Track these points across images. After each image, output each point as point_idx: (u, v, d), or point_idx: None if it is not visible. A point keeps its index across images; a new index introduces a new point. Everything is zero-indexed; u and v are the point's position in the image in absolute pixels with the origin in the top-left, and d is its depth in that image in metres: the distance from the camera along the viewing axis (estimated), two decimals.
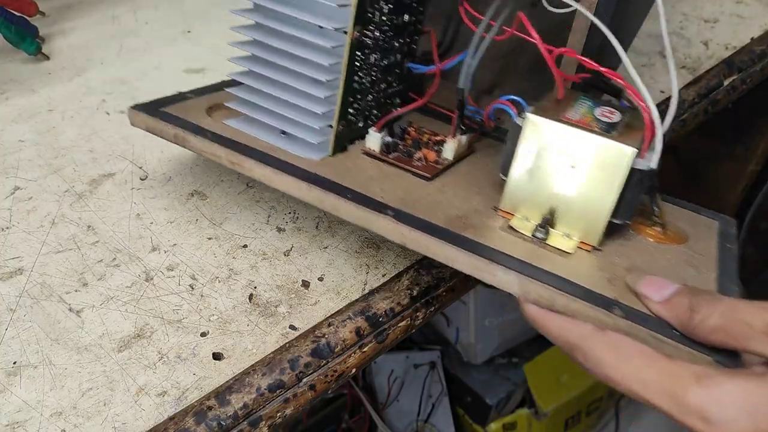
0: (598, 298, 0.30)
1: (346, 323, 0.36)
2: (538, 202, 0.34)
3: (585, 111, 0.34)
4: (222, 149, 0.37)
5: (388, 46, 0.39)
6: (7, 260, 0.38)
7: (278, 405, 0.33)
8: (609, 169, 0.32)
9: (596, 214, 0.33)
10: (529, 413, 0.89)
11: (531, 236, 0.34)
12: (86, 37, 0.56)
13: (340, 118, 0.38)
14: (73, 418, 0.32)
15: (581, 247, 0.34)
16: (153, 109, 0.40)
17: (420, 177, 0.38)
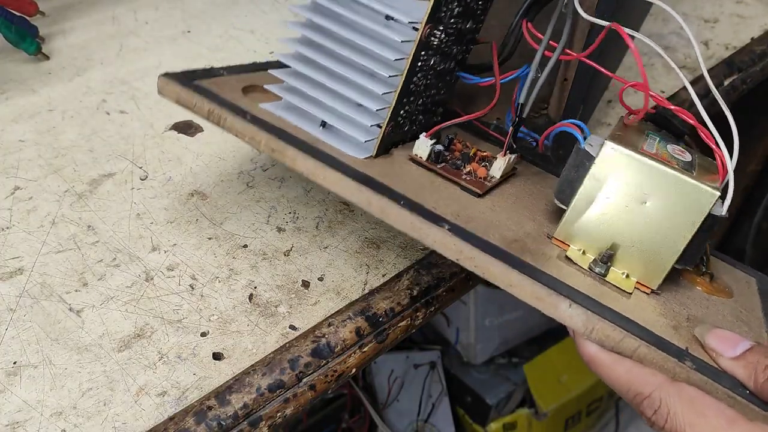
0: (668, 345, 0.28)
1: (346, 323, 0.36)
2: (599, 236, 0.32)
3: (659, 146, 0.32)
4: (263, 133, 0.33)
5: (448, 50, 0.37)
6: (7, 260, 0.38)
7: (278, 405, 0.33)
8: (688, 211, 0.30)
9: (663, 256, 0.31)
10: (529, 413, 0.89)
11: (588, 270, 0.32)
12: (86, 37, 0.56)
13: (391, 118, 0.35)
14: (73, 418, 0.32)
15: (639, 288, 0.32)
16: (186, 80, 0.35)
17: (470, 192, 0.36)
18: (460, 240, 0.29)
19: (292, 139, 0.33)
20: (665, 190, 0.30)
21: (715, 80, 0.55)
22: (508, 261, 0.29)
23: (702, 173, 0.31)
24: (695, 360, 0.28)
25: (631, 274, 0.32)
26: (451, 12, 0.35)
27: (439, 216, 0.31)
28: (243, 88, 0.37)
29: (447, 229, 0.30)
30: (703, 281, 0.36)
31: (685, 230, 0.30)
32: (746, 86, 0.57)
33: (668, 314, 0.31)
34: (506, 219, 0.34)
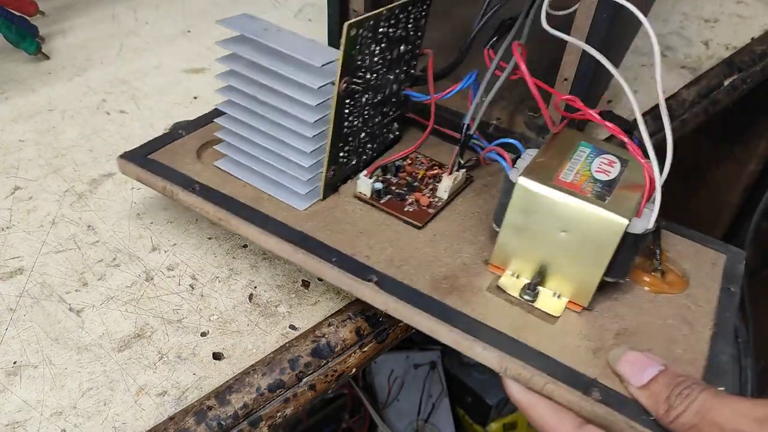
0: (577, 378, 0.30)
1: (346, 323, 0.36)
2: (529, 261, 0.33)
3: (582, 165, 0.33)
4: (209, 205, 0.36)
5: (381, 82, 0.37)
6: (7, 260, 0.38)
7: (278, 405, 0.33)
8: (600, 238, 0.31)
9: (587, 278, 0.32)
10: None
11: (519, 297, 0.33)
12: (86, 37, 0.56)
13: (329, 165, 0.37)
14: (73, 418, 0.32)
15: (570, 307, 0.33)
16: (142, 158, 0.39)
17: (411, 225, 0.37)
18: (385, 294, 0.32)
19: (235, 206, 0.36)
20: (576, 221, 0.31)
21: (716, 80, 0.55)
22: (430, 309, 0.32)
23: (623, 191, 0.31)
24: (603, 390, 0.29)
25: (562, 294, 0.33)
26: (371, 54, 0.35)
27: (370, 268, 0.33)
28: (199, 147, 0.41)
29: (374, 283, 0.33)
30: (653, 279, 0.36)
31: (603, 254, 0.31)
32: (746, 86, 0.57)
33: (593, 335, 0.32)
34: (444, 249, 0.36)
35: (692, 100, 0.53)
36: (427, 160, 0.42)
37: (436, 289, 0.33)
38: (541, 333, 0.32)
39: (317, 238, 0.35)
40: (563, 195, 0.31)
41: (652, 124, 0.50)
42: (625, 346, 0.31)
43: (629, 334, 0.32)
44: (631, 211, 0.30)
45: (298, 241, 0.35)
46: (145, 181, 0.39)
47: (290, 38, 0.35)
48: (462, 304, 0.32)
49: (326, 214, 0.37)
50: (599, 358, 0.31)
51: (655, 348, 0.32)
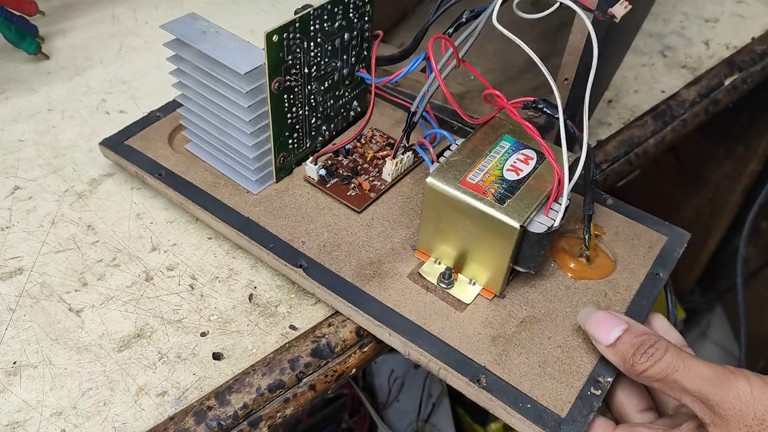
0: (468, 365, 0.32)
1: (347, 323, 0.36)
2: (448, 249, 0.35)
3: (495, 163, 0.34)
4: (171, 191, 0.40)
5: (326, 71, 0.39)
6: (7, 260, 0.38)
7: (278, 405, 0.33)
8: (499, 237, 0.33)
9: (495, 268, 0.34)
10: None
11: (436, 284, 0.36)
12: (86, 37, 0.56)
13: (277, 153, 0.39)
14: (73, 418, 0.32)
15: (484, 294, 0.35)
16: (119, 143, 0.42)
17: (351, 209, 0.39)
18: (311, 280, 0.35)
19: (194, 192, 0.40)
20: (477, 221, 0.33)
21: (716, 80, 0.55)
22: (348, 296, 0.35)
23: (527, 192, 0.33)
24: (490, 377, 0.32)
25: (477, 281, 0.36)
26: (306, 50, 0.37)
27: (302, 254, 0.36)
28: (171, 131, 0.43)
29: (303, 269, 0.36)
30: (577, 264, 0.37)
31: (503, 250, 0.33)
32: (747, 86, 0.56)
33: (497, 322, 0.34)
34: (378, 234, 0.38)
35: (692, 100, 0.53)
36: (383, 139, 0.44)
37: (359, 275, 0.36)
38: (447, 320, 0.34)
39: (260, 224, 0.38)
40: (465, 197, 0.33)
41: (652, 123, 0.50)
42: (592, 306, 0.33)
43: (534, 322, 0.34)
44: (526, 214, 0.32)
45: (243, 227, 0.38)
46: (122, 165, 0.42)
47: (226, 42, 0.37)
48: (379, 291, 0.35)
49: (275, 199, 0.40)
50: (496, 345, 0.33)
51: (556, 336, 0.34)
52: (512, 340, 0.33)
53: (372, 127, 0.45)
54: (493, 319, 0.34)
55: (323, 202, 0.40)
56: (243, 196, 0.40)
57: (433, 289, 0.36)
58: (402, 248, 0.37)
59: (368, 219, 0.39)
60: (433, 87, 0.37)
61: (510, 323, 0.34)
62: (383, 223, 0.39)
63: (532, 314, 0.35)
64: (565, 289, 0.36)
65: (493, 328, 0.34)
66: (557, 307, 0.35)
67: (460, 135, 0.44)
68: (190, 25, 0.38)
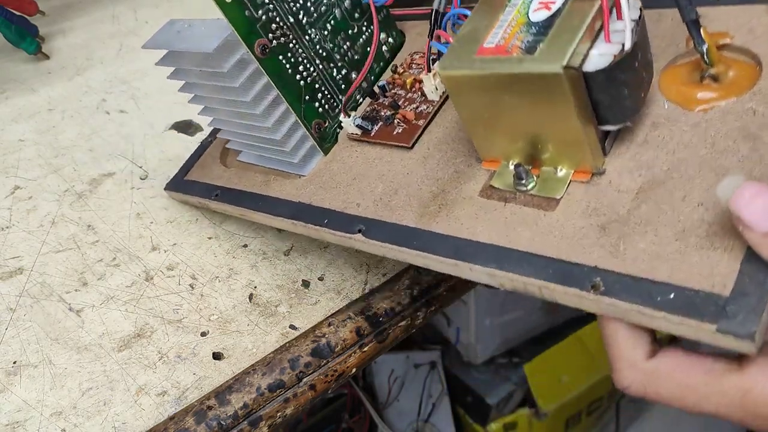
0: (575, 272, 0.25)
1: (347, 323, 0.36)
2: (510, 144, 0.28)
3: (519, 9, 0.26)
4: (228, 206, 0.38)
5: (319, 11, 0.34)
6: (7, 260, 0.38)
7: (278, 405, 0.33)
8: (550, 97, 0.25)
9: (573, 140, 0.26)
10: (529, 413, 0.89)
11: (514, 191, 0.29)
12: (86, 37, 0.56)
13: (308, 122, 0.35)
14: (73, 418, 0.32)
15: (578, 178, 0.27)
16: (180, 181, 0.42)
17: (401, 148, 0.34)
18: (372, 242, 0.31)
19: (247, 198, 0.38)
20: (514, 90, 0.25)
21: None
22: (416, 244, 0.30)
23: (567, 21, 0.25)
24: (607, 276, 0.24)
25: (564, 166, 0.28)
26: None
27: (358, 218, 0.32)
28: (221, 151, 0.42)
29: (361, 233, 0.32)
30: (704, 91, 0.27)
31: (567, 108, 0.25)
32: None
33: (603, 206, 0.26)
34: (437, 162, 0.32)
35: None
36: (423, 60, 0.37)
37: (423, 215, 0.30)
38: (537, 227, 0.27)
39: (312, 204, 0.34)
40: (486, 67, 0.25)
41: None
42: (740, 174, 0.23)
43: (656, 186, 0.25)
44: (568, 49, 0.24)
45: (296, 213, 0.35)
46: (187, 201, 0.42)
47: (197, 30, 0.33)
48: (449, 224, 0.29)
49: (324, 171, 0.36)
50: (609, 234, 0.25)
51: (692, 192, 0.24)
52: (629, 221, 0.25)
53: (411, 52, 0.38)
54: (597, 205, 0.26)
55: (373, 154, 0.35)
56: (293, 182, 0.36)
57: (512, 198, 0.29)
58: (467, 166, 0.31)
59: (423, 150, 0.33)
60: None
61: (622, 201, 0.26)
62: (441, 147, 0.33)
63: (650, 178, 0.26)
64: (692, 128, 0.26)
65: (600, 215, 0.26)
66: (685, 156, 0.25)
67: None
68: (166, 31, 0.35)
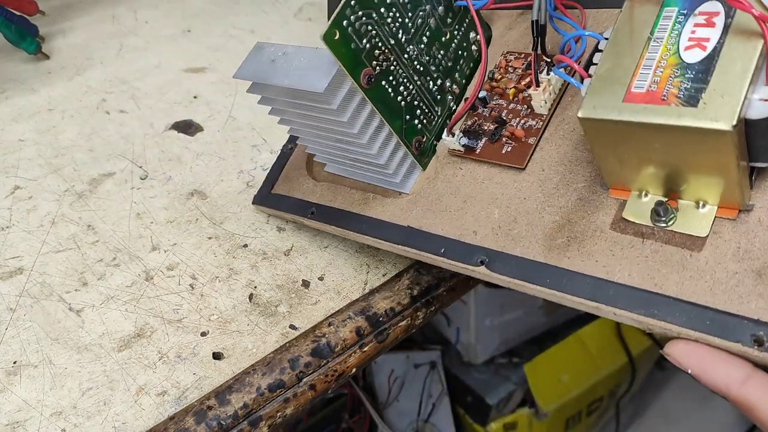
0: (735, 324, 0.23)
1: (347, 323, 0.36)
2: (648, 177, 0.26)
3: (665, 48, 0.25)
4: (327, 226, 0.37)
5: (416, 25, 0.33)
6: (7, 260, 0.38)
7: (278, 405, 0.33)
8: (710, 148, 0.23)
9: (724, 181, 0.24)
10: (529, 413, 0.89)
11: (651, 225, 0.27)
12: (86, 37, 0.56)
13: (409, 141, 0.34)
14: (73, 418, 0.32)
15: (723, 215, 0.26)
16: (267, 195, 0.41)
17: (513, 168, 0.32)
18: (498, 275, 0.30)
19: (348, 219, 0.36)
20: (670, 139, 0.24)
21: None
22: (547, 281, 0.28)
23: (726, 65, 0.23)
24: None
25: (707, 201, 0.26)
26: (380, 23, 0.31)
27: (478, 248, 0.31)
28: (307, 161, 0.41)
29: (485, 265, 0.30)
30: None
31: (726, 159, 0.23)
32: None
33: (755, 248, 0.25)
34: (555, 186, 0.31)
35: None
36: (521, 62, 0.35)
37: (551, 249, 0.29)
38: (685, 270, 0.25)
39: (423, 229, 0.33)
40: (639, 117, 0.24)
41: None
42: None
43: None
44: (737, 103, 0.22)
45: (407, 239, 0.33)
46: (278, 216, 0.41)
47: (296, 61, 0.32)
48: (582, 261, 0.27)
49: (429, 192, 0.34)
50: (766, 282, 0.24)
51: None
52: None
53: (503, 51, 0.37)
54: (749, 246, 0.25)
55: (480, 174, 0.33)
56: (396, 201, 0.35)
57: (650, 234, 0.27)
58: (591, 193, 0.29)
59: (538, 172, 0.32)
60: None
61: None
62: (558, 169, 0.31)
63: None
64: None
65: (754, 259, 0.24)
66: None
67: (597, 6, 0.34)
68: (257, 59, 0.33)
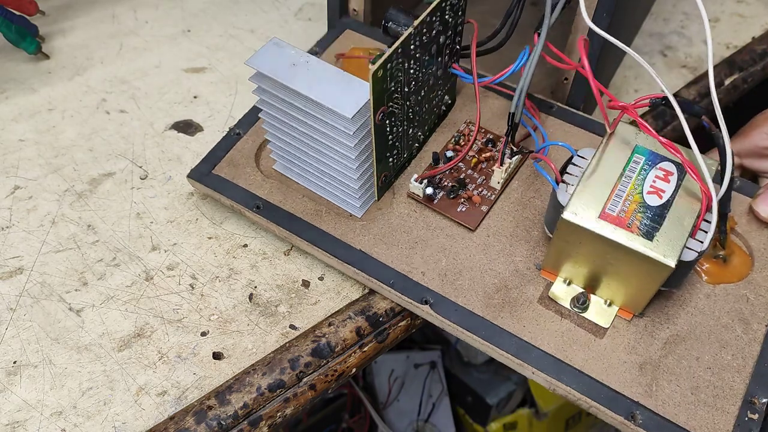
0: (620, 401, 0.31)
1: (347, 323, 0.36)
2: (579, 272, 0.33)
3: (633, 186, 0.31)
4: (273, 225, 0.38)
5: (423, 80, 0.36)
6: (7, 259, 0.38)
7: (278, 404, 0.33)
8: (648, 273, 0.30)
9: (638, 293, 0.32)
10: (529, 413, 0.89)
11: (569, 308, 0.34)
12: (86, 36, 0.56)
13: (379, 173, 0.37)
14: (73, 418, 0.32)
15: (621, 315, 0.34)
16: (207, 174, 0.40)
17: (465, 227, 0.37)
18: (439, 317, 0.34)
19: (298, 225, 0.37)
20: (622, 258, 0.30)
21: (716, 79, 0.55)
22: (481, 332, 0.33)
23: (675, 216, 0.30)
24: (643, 411, 0.30)
25: (614, 302, 0.34)
26: (406, 71, 0.34)
27: (425, 288, 0.35)
28: (256, 151, 0.41)
29: (430, 306, 0.34)
30: (713, 267, 0.34)
31: (652, 283, 0.31)
32: (747, 85, 0.56)
33: (641, 347, 0.33)
34: (497, 254, 0.36)
35: (692, 99, 0.53)
36: (482, 136, 0.41)
37: (488, 306, 0.34)
38: (589, 350, 0.32)
39: (374, 257, 0.36)
40: (609, 232, 0.30)
41: (653, 123, 0.50)
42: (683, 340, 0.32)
43: (678, 341, 0.32)
44: (679, 247, 0.29)
45: (358, 262, 0.36)
46: (214, 197, 0.40)
47: (320, 74, 0.33)
48: (512, 323, 0.33)
49: (382, 223, 0.37)
50: (644, 373, 0.31)
51: (704, 356, 0.32)
52: (660, 367, 0.32)
53: (467, 120, 0.41)
54: (636, 344, 0.33)
55: (433, 222, 0.37)
56: (348, 222, 0.37)
57: (567, 315, 0.34)
58: (525, 268, 0.35)
59: (484, 237, 0.37)
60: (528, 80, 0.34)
61: (654, 346, 0.33)
62: (500, 239, 0.36)
63: (675, 332, 0.33)
64: (705, 298, 0.34)
65: (638, 354, 0.32)
66: (700, 321, 0.33)
67: (559, 117, 0.41)
68: (276, 56, 0.34)
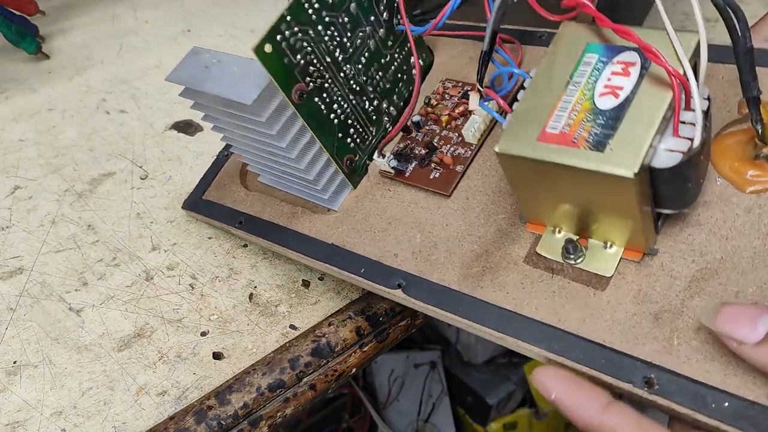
0: (628, 365, 0.24)
1: (347, 323, 0.36)
2: (562, 215, 0.27)
3: (581, 93, 0.25)
4: (254, 237, 0.37)
5: (355, 45, 0.33)
6: (7, 260, 0.38)
7: (278, 404, 0.33)
8: (615, 192, 0.24)
9: (629, 225, 0.25)
10: (529, 413, 0.89)
11: (562, 262, 0.28)
12: (86, 36, 0.56)
13: (340, 159, 0.34)
14: (73, 418, 0.32)
15: (628, 257, 0.27)
16: (198, 200, 0.40)
17: (439, 194, 0.33)
18: (412, 300, 0.30)
19: (275, 232, 0.36)
20: (578, 181, 0.24)
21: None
22: (459, 309, 0.29)
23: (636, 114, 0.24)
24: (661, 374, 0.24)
25: (614, 243, 0.27)
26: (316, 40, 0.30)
27: (397, 270, 0.31)
28: (241, 169, 0.40)
29: (402, 289, 0.31)
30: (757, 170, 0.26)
31: (630, 204, 0.24)
32: None
33: (656, 292, 0.25)
34: (477, 216, 0.31)
35: None
36: (458, 90, 0.36)
37: (465, 277, 0.29)
38: (587, 308, 0.26)
39: (346, 248, 0.33)
40: (549, 154, 0.24)
41: None
42: (715, 301, 0.24)
43: (710, 276, 0.25)
44: (641, 152, 0.23)
45: (328, 256, 0.34)
46: (208, 223, 0.40)
47: (228, 70, 0.31)
48: (494, 292, 0.28)
49: (356, 210, 0.35)
50: (661, 325, 0.24)
51: (746, 288, 0.24)
52: (683, 313, 0.24)
53: (442, 78, 0.37)
54: (649, 289, 0.26)
55: (407, 197, 0.34)
56: (324, 217, 0.35)
57: (559, 270, 0.28)
58: (510, 225, 0.30)
59: (462, 200, 0.32)
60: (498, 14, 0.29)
61: (674, 288, 0.25)
62: (481, 199, 0.32)
63: (704, 265, 0.25)
64: (745, 213, 0.26)
65: (653, 302, 0.25)
66: (739, 245, 0.25)
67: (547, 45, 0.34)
68: (192, 64, 0.33)
